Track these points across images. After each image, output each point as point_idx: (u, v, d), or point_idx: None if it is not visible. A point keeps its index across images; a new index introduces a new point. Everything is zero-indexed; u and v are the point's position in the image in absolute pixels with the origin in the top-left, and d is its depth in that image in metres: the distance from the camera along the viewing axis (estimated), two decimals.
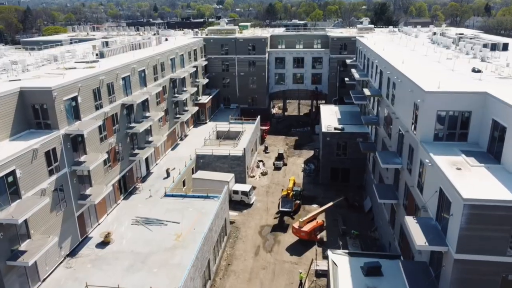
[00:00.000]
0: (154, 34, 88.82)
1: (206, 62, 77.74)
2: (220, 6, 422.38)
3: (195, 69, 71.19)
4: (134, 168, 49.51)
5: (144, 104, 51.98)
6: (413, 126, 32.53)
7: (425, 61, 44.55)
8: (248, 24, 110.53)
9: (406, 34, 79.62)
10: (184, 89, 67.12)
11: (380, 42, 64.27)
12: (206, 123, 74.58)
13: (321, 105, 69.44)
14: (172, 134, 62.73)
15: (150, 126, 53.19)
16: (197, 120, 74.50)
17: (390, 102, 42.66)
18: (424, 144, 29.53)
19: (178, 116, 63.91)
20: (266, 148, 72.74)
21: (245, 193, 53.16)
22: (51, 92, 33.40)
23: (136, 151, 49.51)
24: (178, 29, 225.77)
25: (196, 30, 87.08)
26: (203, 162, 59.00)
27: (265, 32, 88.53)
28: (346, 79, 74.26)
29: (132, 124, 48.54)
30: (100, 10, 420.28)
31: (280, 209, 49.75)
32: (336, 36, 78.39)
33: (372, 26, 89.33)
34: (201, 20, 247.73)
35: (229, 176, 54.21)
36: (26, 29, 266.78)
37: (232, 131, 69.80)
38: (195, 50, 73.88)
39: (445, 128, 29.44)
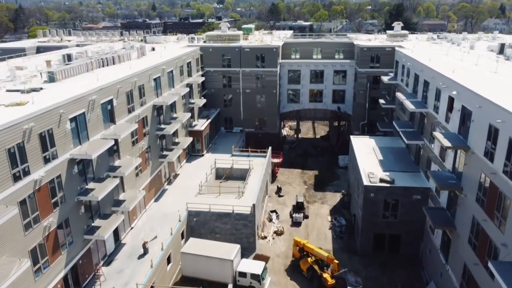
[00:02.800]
0: (141, 41, 72.07)
1: (203, 78, 60.91)
2: (221, 6, 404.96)
3: (188, 89, 54.47)
4: (92, 249, 32.92)
5: (111, 152, 35.38)
6: None
7: None
8: (252, 26, 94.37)
9: (454, 43, 62.82)
10: (174, 115, 50.46)
11: (429, 54, 47.71)
12: (202, 155, 57.92)
13: (351, 137, 52.85)
14: (156, 180, 46.13)
15: (122, 180, 36.68)
16: (192, 152, 57.84)
17: (489, 159, 26.26)
18: None
19: (164, 154, 47.29)
20: (279, 189, 56.10)
21: (256, 277, 36.55)
22: None
23: (97, 222, 32.96)
24: (175, 30, 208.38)
25: (192, 36, 70.54)
26: (197, 221, 42.45)
27: (275, 39, 71.73)
28: (381, 101, 57.54)
29: (90, 185, 32.00)
30: (98, 9, 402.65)
31: None
32: (366, 45, 61.67)
33: (407, 32, 72.60)
34: (200, 20, 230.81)
35: (232, 251, 37.64)
36: (18, 28, 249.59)
37: (237, 169, 53.25)
38: (189, 63, 57.09)
39: None
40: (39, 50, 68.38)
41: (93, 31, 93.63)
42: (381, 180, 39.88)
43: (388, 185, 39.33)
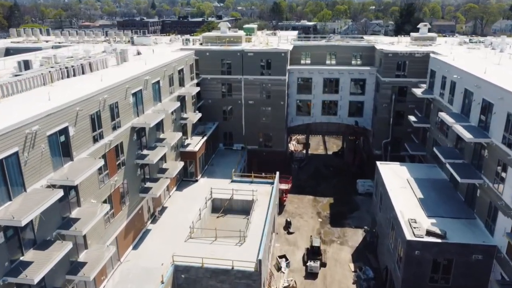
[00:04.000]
0: (129, 41, 61.95)
1: (198, 88, 50.70)
2: (221, 4, 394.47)
3: (179, 103, 44.42)
4: None
5: (65, 199, 25.32)
6: None
7: None
8: (254, 26, 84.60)
9: (496, 49, 52.68)
10: (161, 136, 40.45)
11: (477, 64, 37.72)
12: (196, 180, 47.91)
13: (378, 164, 42.79)
14: (136, 221, 36.08)
15: (84, 236, 26.75)
16: (183, 176, 47.86)
17: None
18: None
19: (147, 187, 37.28)
20: (288, 224, 46.20)
21: None
22: None
23: None
24: (174, 30, 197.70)
25: (186, 37, 60.34)
26: (186, 279, 32.51)
27: (282, 41, 61.54)
28: (411, 118, 47.46)
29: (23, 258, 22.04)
30: (96, 6, 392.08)
31: None
32: (392, 50, 51.59)
33: (435, 35, 62.46)
34: (200, 19, 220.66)
35: None
36: (13, 26, 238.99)
37: (238, 200, 43.37)
38: (181, 71, 47.00)
39: None
40: (9, 52, 58.23)
41: (86, 30, 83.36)
42: (429, 233, 29.90)
43: (439, 240, 29.38)
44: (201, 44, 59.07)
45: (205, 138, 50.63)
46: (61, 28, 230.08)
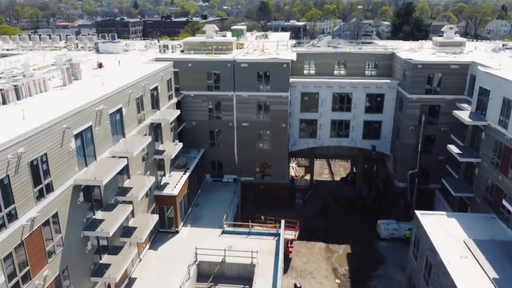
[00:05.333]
0: (94, 48, 49.72)
1: (177, 112, 38.92)
2: (206, 4, 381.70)
3: (150, 138, 32.77)
4: None
5: None
6: None
7: None
8: (243, 27, 74.01)
9: None
10: (126, 184, 28.84)
11: None
12: (177, 232, 36.35)
13: (418, 214, 31.87)
14: None
15: None
16: (160, 226, 36.26)
17: None
18: None
19: (104, 264, 25.69)
20: None
21: None
22: None
23: None
24: (156, 30, 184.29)
25: (164, 43, 48.30)
26: None
27: (281, 47, 50.11)
28: (454, 149, 36.65)
29: None
30: (76, 5, 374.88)
31: None
32: (421, 61, 40.78)
33: (464, 40, 51.87)
34: (184, 19, 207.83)
35: None
36: None
37: (232, 264, 32.12)
38: (154, 90, 35.27)
39: None
40: None
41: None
42: None
43: None
44: (182, 51, 47.51)
45: (188, 173, 39.12)
46: (36, 29, 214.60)
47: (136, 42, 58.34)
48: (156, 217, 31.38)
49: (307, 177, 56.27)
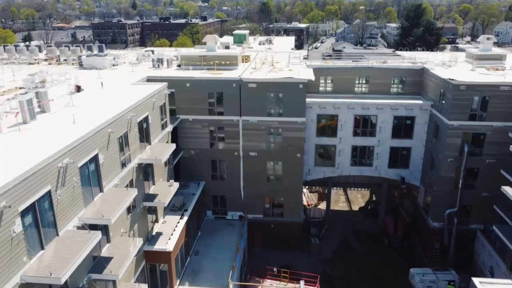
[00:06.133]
0: (78, 61, 42.54)
1: (173, 147, 31.79)
2: (206, 4, 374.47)
3: (136, 190, 25.96)
4: None
5: None
6: None
7: None
8: (246, 32, 67.67)
9: None
10: (102, 254, 21.97)
11: None
12: None
13: (477, 283, 25.10)
14: None
15: None
16: (151, 284, 29.38)
17: None
18: None
19: None
20: None
21: None
22: None
23: None
24: (154, 33, 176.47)
25: (159, 54, 40.96)
26: None
27: (293, 60, 43.11)
28: (510, 191, 29.89)
29: None
30: (74, 6, 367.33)
31: None
32: (466, 82, 33.82)
33: (504, 52, 44.79)
34: (183, 21, 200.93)
35: None
36: None
37: None
38: (143, 122, 28.31)
39: None
40: None
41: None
42: None
43: None
44: (179, 66, 40.58)
45: (185, 217, 32.24)
46: (31, 30, 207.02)
47: (128, 52, 51.34)
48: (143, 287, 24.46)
49: (321, 205, 49.51)
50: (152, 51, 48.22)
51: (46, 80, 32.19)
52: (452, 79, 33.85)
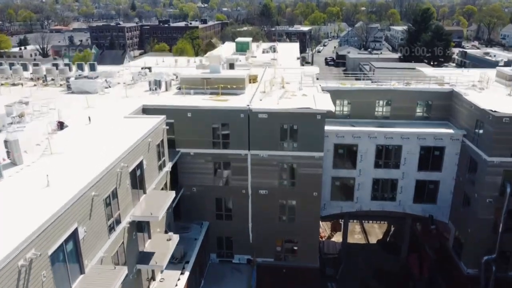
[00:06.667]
0: (66, 84, 37.77)
1: (172, 195, 27.02)
2: (205, 5, 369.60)
3: (127, 269, 21.42)
4: None
5: None
6: None
7: None
8: (249, 40, 64.15)
9: None
10: None
11: None
12: None
13: None
14: None
15: None
16: None
17: None
18: None
19: None
20: None
21: None
22: None
23: None
24: (153, 36, 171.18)
25: (157, 76, 36.16)
26: None
27: (306, 80, 38.48)
28: None
29: None
30: (73, 7, 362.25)
31: None
32: (508, 114, 29.33)
33: None
34: (183, 24, 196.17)
35: None
36: None
37: None
38: (137, 170, 23.71)
39: None
40: None
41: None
42: None
43: None
44: (179, 89, 35.98)
45: (187, 273, 27.69)
46: (28, 33, 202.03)
47: (123, 69, 46.63)
48: None
49: (335, 238, 44.99)
50: (149, 69, 43.59)
51: (24, 114, 27.68)
52: (495, 111, 29.25)
